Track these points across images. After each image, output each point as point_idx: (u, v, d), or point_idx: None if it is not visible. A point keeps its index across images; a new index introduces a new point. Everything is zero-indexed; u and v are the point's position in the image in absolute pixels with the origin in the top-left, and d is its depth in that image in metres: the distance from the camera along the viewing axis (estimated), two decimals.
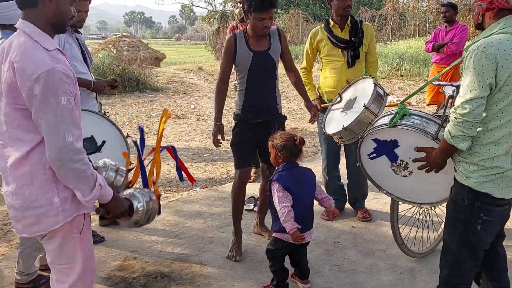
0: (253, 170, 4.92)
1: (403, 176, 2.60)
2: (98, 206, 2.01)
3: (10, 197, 1.92)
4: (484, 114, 1.98)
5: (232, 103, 3.35)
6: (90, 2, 3.41)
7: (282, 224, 2.67)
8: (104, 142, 3.08)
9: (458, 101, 1.96)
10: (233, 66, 3.31)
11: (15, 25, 1.88)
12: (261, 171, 3.58)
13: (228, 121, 6.53)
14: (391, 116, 2.55)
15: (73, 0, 1.92)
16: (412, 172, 2.54)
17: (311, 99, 3.83)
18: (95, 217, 4.04)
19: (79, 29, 3.54)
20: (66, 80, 1.79)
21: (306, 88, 3.98)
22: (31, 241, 2.74)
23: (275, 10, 3.23)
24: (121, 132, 3.32)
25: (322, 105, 3.78)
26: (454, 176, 2.18)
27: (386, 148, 2.59)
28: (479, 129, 2.01)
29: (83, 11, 3.36)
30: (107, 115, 3.50)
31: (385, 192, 2.82)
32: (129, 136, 3.50)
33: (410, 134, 2.44)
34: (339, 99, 3.55)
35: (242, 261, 3.29)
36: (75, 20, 3.29)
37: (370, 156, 2.70)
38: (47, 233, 1.92)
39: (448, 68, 2.92)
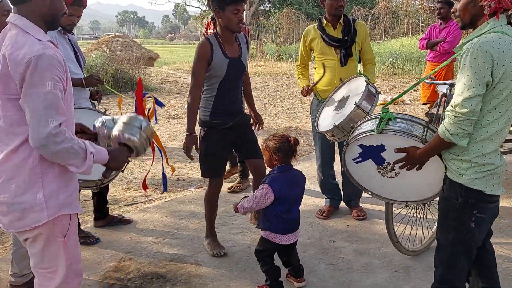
0: (237, 180, 4.91)
1: (389, 177, 2.61)
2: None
3: None
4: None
5: None
6: (84, 7, 3.38)
7: (240, 204, 2.79)
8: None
9: (457, 99, 1.97)
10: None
11: (7, 20, 1.88)
12: (250, 168, 3.50)
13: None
14: (376, 120, 2.53)
15: None
16: (398, 173, 2.54)
17: (300, 86, 3.87)
18: (89, 219, 4.02)
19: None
20: (56, 66, 1.79)
21: (299, 78, 4.01)
22: None
23: (268, 9, 3.23)
24: None
25: (310, 87, 3.77)
26: (445, 174, 2.20)
27: (373, 153, 2.59)
28: None
29: (75, 15, 3.32)
30: (108, 113, 3.46)
31: (369, 193, 2.82)
32: None
33: (398, 139, 2.44)
34: (340, 87, 3.56)
35: (238, 261, 3.29)
36: (65, 23, 3.27)
37: (356, 161, 2.69)
38: (31, 232, 1.90)
39: (439, 67, 2.92)
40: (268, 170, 2.94)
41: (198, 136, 3.29)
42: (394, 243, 3.23)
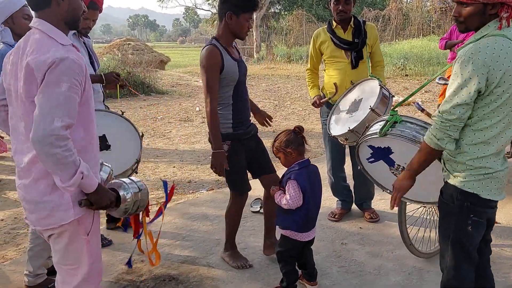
0: None
1: None
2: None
3: (24, 190, 1.95)
4: (475, 115, 1.97)
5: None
6: (100, 12, 3.41)
7: (277, 197, 2.74)
8: (104, 135, 3.10)
9: (445, 106, 1.95)
10: None
11: (30, 24, 1.92)
12: (265, 184, 3.26)
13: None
14: (383, 123, 2.53)
15: None
16: None
17: (312, 96, 3.85)
18: (102, 221, 4.05)
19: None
20: (76, 70, 1.82)
21: (309, 86, 3.97)
22: (41, 239, 2.75)
23: (278, 11, 3.20)
24: (137, 130, 3.31)
25: (322, 100, 3.73)
26: (443, 177, 2.16)
27: (382, 154, 2.59)
28: (469, 128, 2.00)
29: (91, 19, 3.35)
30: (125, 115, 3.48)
31: (388, 192, 2.82)
32: (143, 135, 3.49)
33: (401, 143, 2.42)
34: (352, 89, 3.55)
35: (250, 262, 3.28)
36: (81, 26, 3.30)
37: (369, 160, 2.70)
38: (56, 229, 1.94)
39: (445, 68, 2.88)
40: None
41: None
42: (407, 246, 3.21)
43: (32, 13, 2.01)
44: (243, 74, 3.09)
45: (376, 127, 2.63)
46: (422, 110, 2.87)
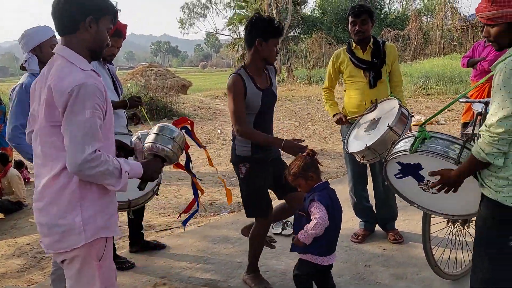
0: None
1: (432, 193, 2.57)
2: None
3: (39, 213, 1.98)
4: None
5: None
6: (124, 39, 3.51)
7: (303, 234, 2.63)
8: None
9: (491, 119, 1.94)
10: None
11: (53, 50, 1.98)
12: (290, 203, 3.27)
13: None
14: (412, 139, 2.51)
15: (109, 28, 2.01)
16: None
17: (332, 114, 3.85)
18: (125, 244, 4.09)
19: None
20: (97, 94, 1.86)
21: (327, 104, 3.98)
22: None
23: (297, 34, 3.24)
24: None
25: (348, 118, 3.71)
26: (482, 192, 2.14)
27: (411, 170, 2.57)
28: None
29: (115, 46, 3.46)
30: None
31: (416, 206, 2.78)
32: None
33: (432, 159, 2.41)
34: (373, 108, 3.53)
35: (271, 285, 3.25)
36: (106, 53, 3.40)
37: (397, 176, 2.68)
38: (68, 254, 1.95)
39: (474, 86, 2.87)
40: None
41: (239, 174, 3.12)
42: (432, 267, 3.13)
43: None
44: (267, 104, 3.10)
45: (402, 144, 2.61)
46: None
